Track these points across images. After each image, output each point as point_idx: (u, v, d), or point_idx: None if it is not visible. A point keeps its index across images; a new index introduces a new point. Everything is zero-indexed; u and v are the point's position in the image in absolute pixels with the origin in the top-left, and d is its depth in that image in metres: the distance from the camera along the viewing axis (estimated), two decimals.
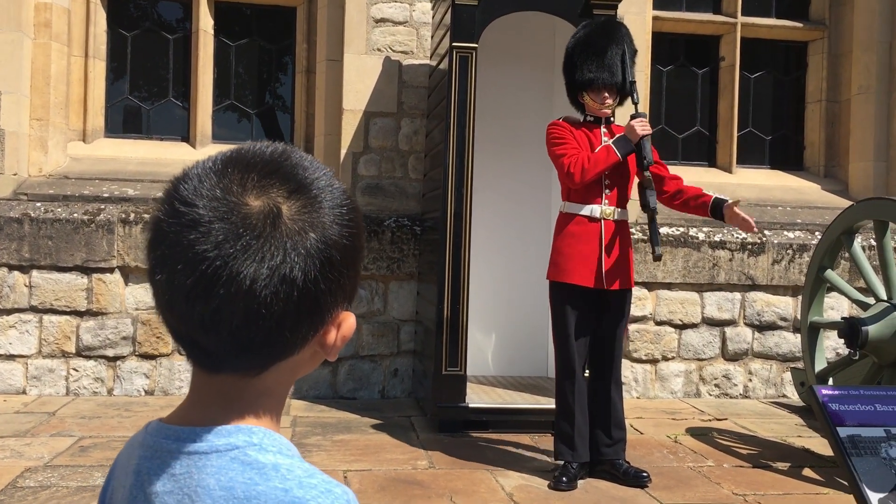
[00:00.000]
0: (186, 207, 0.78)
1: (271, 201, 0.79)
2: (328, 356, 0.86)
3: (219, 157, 0.83)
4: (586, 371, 4.15)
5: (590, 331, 4.07)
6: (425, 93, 5.96)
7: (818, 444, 4.77)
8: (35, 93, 5.85)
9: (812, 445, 4.82)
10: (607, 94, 4.06)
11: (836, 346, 5.77)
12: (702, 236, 6.10)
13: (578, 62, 4.06)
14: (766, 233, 6.25)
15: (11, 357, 5.49)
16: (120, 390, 5.57)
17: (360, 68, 5.95)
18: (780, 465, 4.39)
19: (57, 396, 5.48)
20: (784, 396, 6.18)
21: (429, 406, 4.92)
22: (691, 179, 6.66)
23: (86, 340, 5.53)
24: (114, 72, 6.36)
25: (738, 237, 6.15)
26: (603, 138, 4.11)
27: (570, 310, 4.02)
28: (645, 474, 4.00)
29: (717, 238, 6.12)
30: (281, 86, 6.59)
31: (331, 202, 0.82)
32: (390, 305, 5.79)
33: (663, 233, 5.85)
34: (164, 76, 6.43)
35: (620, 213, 4.09)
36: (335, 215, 0.82)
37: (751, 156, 7.05)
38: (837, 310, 6.07)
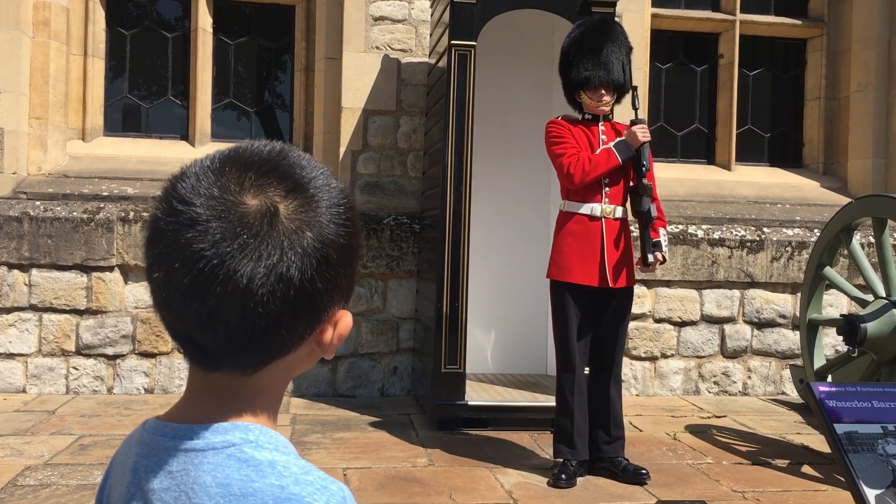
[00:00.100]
0: (184, 206, 0.78)
1: (268, 200, 0.79)
2: (325, 354, 0.87)
3: (217, 156, 0.83)
4: (586, 370, 4.15)
5: (591, 330, 4.07)
6: (424, 91, 5.96)
7: (817, 441, 4.77)
8: (34, 91, 5.85)
9: (811, 442, 4.82)
10: (604, 92, 4.06)
11: (835, 343, 5.78)
12: (701, 234, 6.10)
13: (574, 61, 4.05)
14: (766, 230, 6.25)
15: (11, 356, 5.49)
16: (120, 389, 5.58)
17: (359, 66, 5.95)
18: (779, 462, 4.40)
19: (57, 395, 5.49)
20: (783, 394, 6.19)
21: (428, 404, 4.93)
22: (691, 177, 6.73)
23: (85, 339, 5.54)
24: (113, 70, 6.36)
25: (737, 234, 6.15)
26: (601, 136, 4.12)
27: (571, 309, 4.01)
28: (644, 471, 4.00)
29: (717, 235, 6.12)
30: (280, 84, 6.59)
31: (328, 201, 0.82)
32: (389, 303, 5.80)
33: None
34: (164, 75, 6.43)
35: (621, 212, 4.09)
36: (332, 214, 0.82)
37: (750, 153, 7.05)
38: (836, 307, 6.07)
